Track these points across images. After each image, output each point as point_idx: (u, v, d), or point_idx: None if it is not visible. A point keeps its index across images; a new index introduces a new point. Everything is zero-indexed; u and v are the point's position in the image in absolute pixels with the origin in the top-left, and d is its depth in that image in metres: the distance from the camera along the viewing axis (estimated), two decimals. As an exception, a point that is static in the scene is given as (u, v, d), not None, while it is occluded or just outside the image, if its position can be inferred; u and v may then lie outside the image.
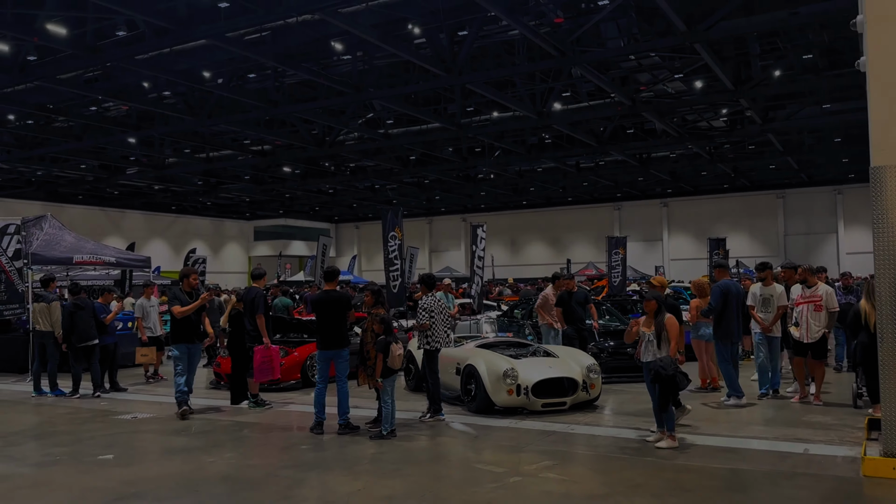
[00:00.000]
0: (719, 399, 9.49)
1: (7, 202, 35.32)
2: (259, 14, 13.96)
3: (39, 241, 14.41)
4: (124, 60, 16.36)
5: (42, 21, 14.47)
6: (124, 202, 40.91)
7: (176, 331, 9.41)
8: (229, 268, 47.54)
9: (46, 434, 8.49)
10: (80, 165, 30.53)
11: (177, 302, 9.33)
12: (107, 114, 23.05)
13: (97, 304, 11.94)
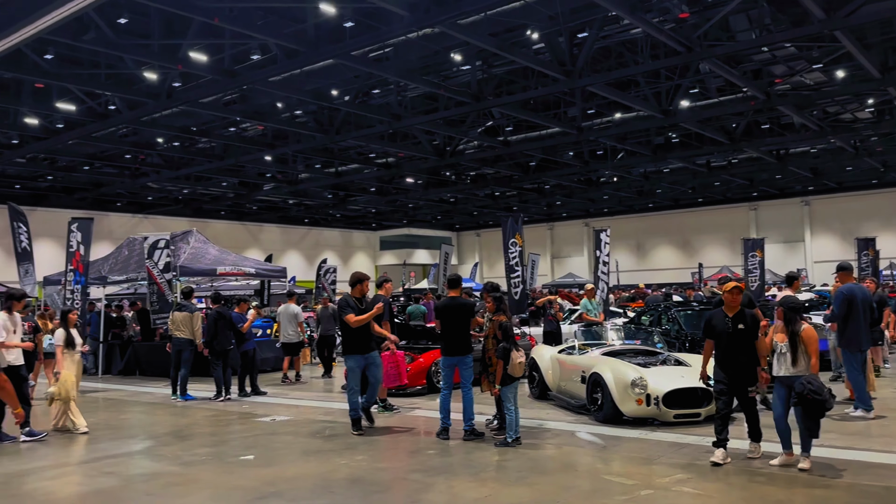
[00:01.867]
0: (843, 411, 8.74)
1: (157, 219, 38.37)
2: (382, 31, 14.42)
3: (186, 255, 15.54)
4: (259, 83, 17.36)
5: (185, 49, 15.64)
6: (262, 216, 43.36)
7: (349, 341, 8.71)
8: (357, 277, 49.20)
9: (193, 435, 9.11)
10: (221, 183, 32.69)
11: (350, 310, 8.59)
12: (244, 134, 24.57)
13: (234, 313, 12.70)
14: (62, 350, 9.54)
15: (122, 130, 23.01)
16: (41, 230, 28.90)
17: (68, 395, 9.37)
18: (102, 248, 27.70)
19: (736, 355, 6.66)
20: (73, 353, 9.66)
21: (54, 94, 19.09)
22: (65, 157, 26.28)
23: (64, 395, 9.34)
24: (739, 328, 6.67)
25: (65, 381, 9.38)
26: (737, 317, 6.74)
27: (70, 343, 9.63)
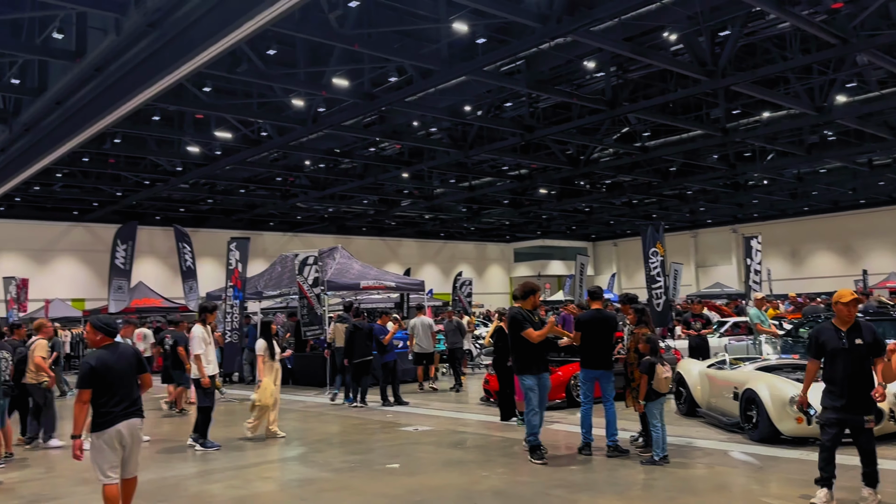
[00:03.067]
0: None
1: (306, 236, 40.54)
2: (513, 45, 14.49)
3: (333, 270, 16.30)
4: (396, 103, 17.96)
5: (328, 76, 16.50)
6: (400, 231, 44.71)
7: (527, 359, 7.84)
8: (492, 289, 49.48)
9: (343, 443, 9.50)
10: (362, 201, 34.07)
11: (527, 324, 7.75)
12: (383, 153, 25.50)
13: (376, 325, 13.14)
14: (263, 359, 9.90)
15: (272, 155, 24.56)
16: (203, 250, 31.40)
17: (268, 402, 9.74)
18: (257, 265, 29.61)
19: (852, 377, 5.61)
20: (272, 362, 9.99)
21: (213, 124, 20.74)
22: (223, 182, 28.42)
23: (265, 402, 9.72)
24: (857, 343, 5.68)
25: (265, 389, 9.76)
26: (852, 331, 5.71)
27: (270, 352, 9.96)
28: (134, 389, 5.43)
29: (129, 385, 5.38)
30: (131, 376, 5.43)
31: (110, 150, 22.39)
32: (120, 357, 5.40)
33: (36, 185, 26.56)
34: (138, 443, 5.42)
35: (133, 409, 5.36)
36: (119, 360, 5.37)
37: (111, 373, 5.27)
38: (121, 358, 5.40)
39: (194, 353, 9.35)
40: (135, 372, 5.47)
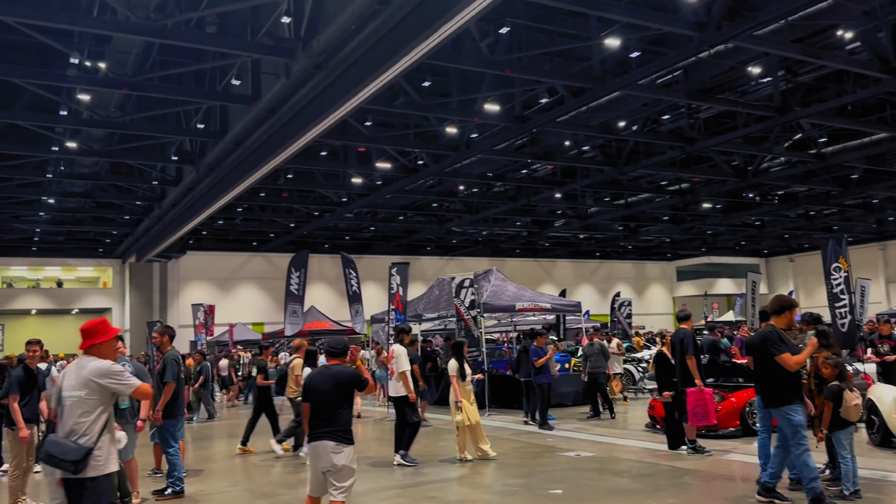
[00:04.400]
0: None
1: (461, 260, 41.30)
2: (670, 56, 14.02)
3: (488, 292, 16.45)
4: (547, 124, 17.95)
5: (480, 102, 16.83)
6: (554, 252, 44.36)
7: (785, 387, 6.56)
8: (654, 309, 47.62)
9: (504, 465, 9.48)
10: (515, 223, 34.23)
11: (784, 347, 6.52)
12: (535, 174, 25.51)
13: (533, 346, 13.05)
14: (456, 379, 9.91)
15: (428, 182, 25.36)
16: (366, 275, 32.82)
17: (474, 422, 9.76)
18: (416, 288, 30.56)
19: None
20: (464, 383, 10.00)
21: (373, 156, 21.80)
22: (383, 210, 29.71)
23: (473, 420, 9.74)
24: None
25: (469, 410, 9.67)
26: None
27: (462, 373, 10.00)
28: (336, 411, 5.45)
29: (331, 406, 5.45)
30: (335, 397, 5.47)
31: (283, 185, 24.16)
32: (327, 378, 5.55)
33: (220, 219, 29.17)
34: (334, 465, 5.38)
35: (327, 430, 5.40)
36: (325, 381, 5.53)
37: (317, 392, 5.53)
38: (327, 379, 5.55)
39: (401, 370, 9.70)
40: (341, 393, 5.50)
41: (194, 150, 19.87)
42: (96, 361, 4.39)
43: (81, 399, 4.28)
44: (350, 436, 5.46)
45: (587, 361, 14.21)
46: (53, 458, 4.19)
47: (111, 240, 34.47)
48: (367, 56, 12.30)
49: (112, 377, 4.33)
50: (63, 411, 4.33)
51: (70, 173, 21.93)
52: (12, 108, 16.90)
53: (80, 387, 4.31)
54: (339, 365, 5.69)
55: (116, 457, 4.46)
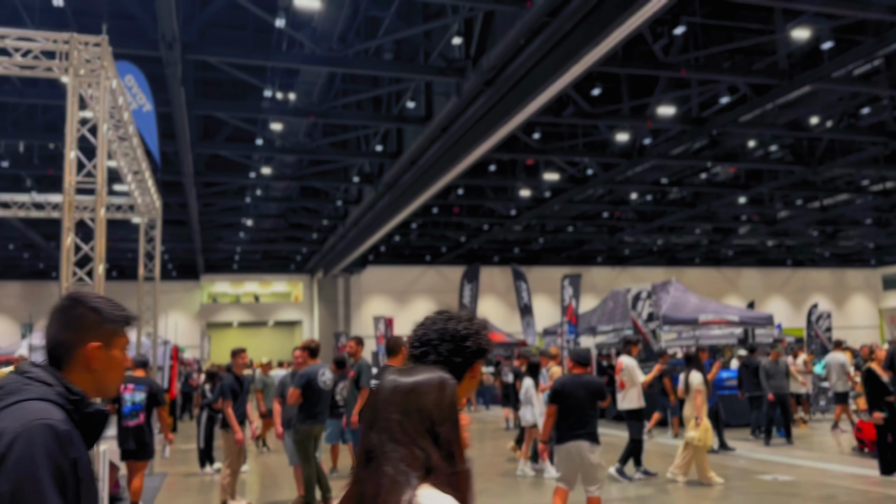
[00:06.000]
0: None
1: (634, 270, 39.98)
2: (868, 45, 12.73)
3: (668, 304, 15.78)
4: (729, 125, 16.95)
5: (653, 107, 16.24)
6: (738, 261, 41.66)
7: None
8: (856, 322, 43.11)
9: (692, 485, 8.97)
10: (694, 231, 32.56)
11: None
12: (715, 179, 24.14)
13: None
14: (701, 394, 9.27)
15: (598, 191, 24.85)
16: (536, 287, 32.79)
17: (709, 444, 9.04)
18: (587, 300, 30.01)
19: None
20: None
21: (541, 167, 21.76)
22: (552, 221, 29.53)
23: (707, 443, 9.03)
24: None
25: (706, 429, 9.02)
26: None
27: (707, 385, 9.43)
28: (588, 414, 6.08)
29: (584, 410, 6.05)
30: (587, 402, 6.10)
31: (454, 201, 24.80)
32: (579, 385, 6.14)
33: (396, 235, 30.49)
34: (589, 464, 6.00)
35: (581, 432, 6.01)
36: (578, 388, 6.13)
37: (570, 397, 6.08)
38: (579, 386, 6.14)
39: (638, 381, 9.55)
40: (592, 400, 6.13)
41: (373, 170, 20.97)
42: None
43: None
44: (598, 437, 6.10)
45: (769, 380, 12.94)
46: None
47: (301, 257, 37.21)
48: (535, 69, 12.34)
49: None
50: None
51: (265, 197, 23.99)
52: (215, 140, 18.82)
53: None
54: (587, 374, 6.32)
55: None
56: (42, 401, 1.65)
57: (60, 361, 1.79)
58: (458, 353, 1.96)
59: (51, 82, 14.32)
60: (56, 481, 1.56)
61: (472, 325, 2.01)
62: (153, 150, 10.79)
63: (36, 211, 11.81)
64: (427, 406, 1.36)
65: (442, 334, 1.97)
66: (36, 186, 20.03)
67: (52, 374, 1.73)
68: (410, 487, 1.27)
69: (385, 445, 1.32)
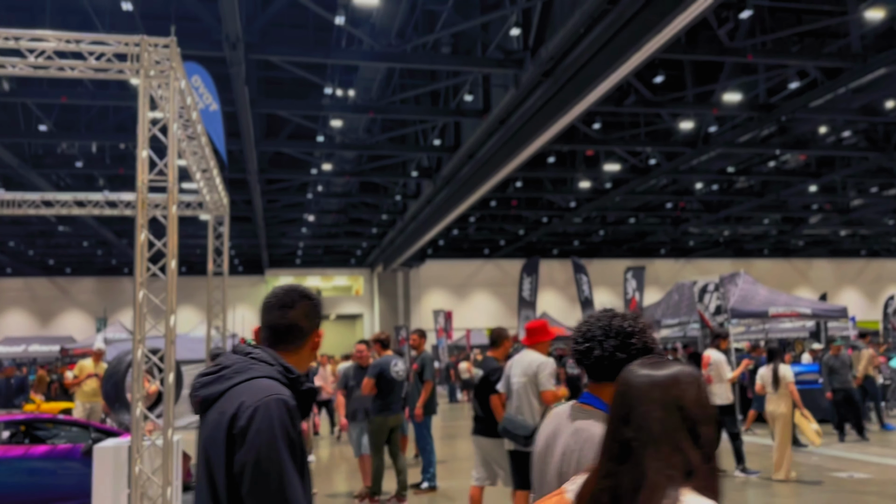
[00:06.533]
0: None
1: (699, 262, 39.02)
2: (950, 19, 12.08)
3: (736, 297, 15.32)
4: (798, 111, 16.35)
5: (718, 93, 15.79)
6: (809, 252, 40.23)
7: None
8: (938, 314, 41.08)
9: (764, 483, 8.72)
10: (762, 221, 31.57)
11: None
12: (784, 167, 23.33)
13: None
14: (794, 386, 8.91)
15: (661, 181, 24.34)
16: (597, 280, 32.36)
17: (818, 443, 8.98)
18: (650, 293, 29.44)
19: None
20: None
21: (601, 158, 21.43)
22: (613, 213, 29.07)
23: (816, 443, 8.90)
24: None
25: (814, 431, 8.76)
26: None
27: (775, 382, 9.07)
28: None
29: None
30: None
31: (512, 194, 24.68)
32: None
33: (454, 229, 30.55)
34: None
35: None
36: None
37: None
38: None
39: (727, 377, 9.28)
40: None
41: (431, 165, 21.04)
42: (535, 355, 5.50)
43: (523, 385, 5.43)
44: None
45: (831, 376, 12.36)
46: (509, 433, 5.33)
47: (361, 251, 37.69)
48: (596, 58, 12.14)
49: (541, 371, 5.40)
50: (511, 394, 5.54)
51: (326, 193, 24.37)
52: (278, 137, 19.21)
53: (522, 375, 5.46)
54: None
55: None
56: (270, 379, 1.82)
57: (287, 343, 1.99)
58: (623, 349, 1.95)
59: (121, 84, 14.86)
60: (289, 451, 1.71)
61: (637, 323, 2.01)
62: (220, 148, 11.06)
63: (109, 209, 12.26)
64: (689, 403, 1.30)
65: (607, 330, 1.98)
66: (108, 185, 20.86)
67: (271, 354, 1.91)
68: (673, 491, 1.22)
69: (644, 443, 1.27)
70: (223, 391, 1.81)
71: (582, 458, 1.88)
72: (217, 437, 1.74)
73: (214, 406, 1.81)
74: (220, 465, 1.72)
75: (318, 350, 2.08)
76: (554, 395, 5.48)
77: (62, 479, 7.75)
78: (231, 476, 1.70)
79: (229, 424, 1.72)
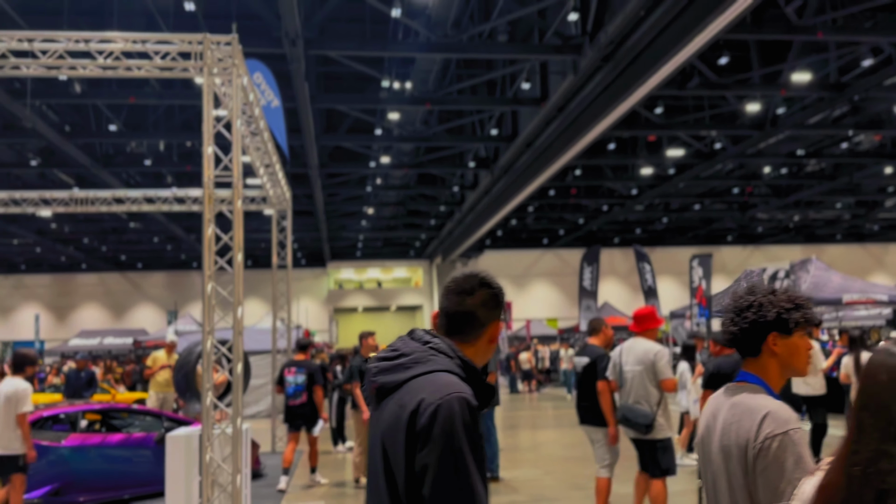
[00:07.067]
0: None
1: (768, 249, 37.82)
2: None
3: (808, 284, 14.79)
4: (872, 90, 15.61)
5: (786, 74, 15.19)
6: (886, 236, 38.48)
7: None
8: None
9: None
10: (835, 205, 30.34)
11: None
12: (858, 148, 22.34)
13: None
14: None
15: (727, 166, 23.63)
16: (661, 268, 31.72)
17: None
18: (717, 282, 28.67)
19: None
20: None
21: (664, 143, 20.93)
22: (676, 199, 28.39)
23: None
24: None
25: None
26: None
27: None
28: None
29: None
30: None
31: (571, 182, 24.36)
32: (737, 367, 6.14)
33: (513, 219, 30.38)
34: None
35: None
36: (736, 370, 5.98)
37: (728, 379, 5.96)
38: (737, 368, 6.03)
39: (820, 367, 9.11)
40: None
41: (489, 155, 20.95)
42: (649, 343, 5.57)
43: (639, 373, 5.52)
44: None
45: None
46: (628, 421, 5.47)
47: (420, 243, 37.90)
48: (657, 41, 11.82)
49: (658, 359, 5.49)
50: (625, 383, 5.62)
51: (385, 185, 24.56)
52: (337, 132, 19.44)
53: (637, 363, 5.56)
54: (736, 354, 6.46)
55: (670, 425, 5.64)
56: (450, 373, 1.73)
57: (463, 333, 1.89)
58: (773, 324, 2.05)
59: (185, 84, 15.27)
60: (472, 452, 1.63)
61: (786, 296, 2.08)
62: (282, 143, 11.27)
63: (177, 205, 12.64)
64: None
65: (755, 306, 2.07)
66: (176, 182, 21.52)
67: (450, 345, 1.82)
68: None
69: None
70: (402, 381, 1.74)
71: (740, 430, 1.95)
72: (397, 432, 1.68)
73: (393, 396, 1.74)
74: (400, 463, 1.66)
75: (495, 344, 1.95)
76: (673, 383, 5.54)
77: (137, 467, 8.06)
78: (412, 475, 1.64)
79: (409, 421, 1.65)
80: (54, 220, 26.75)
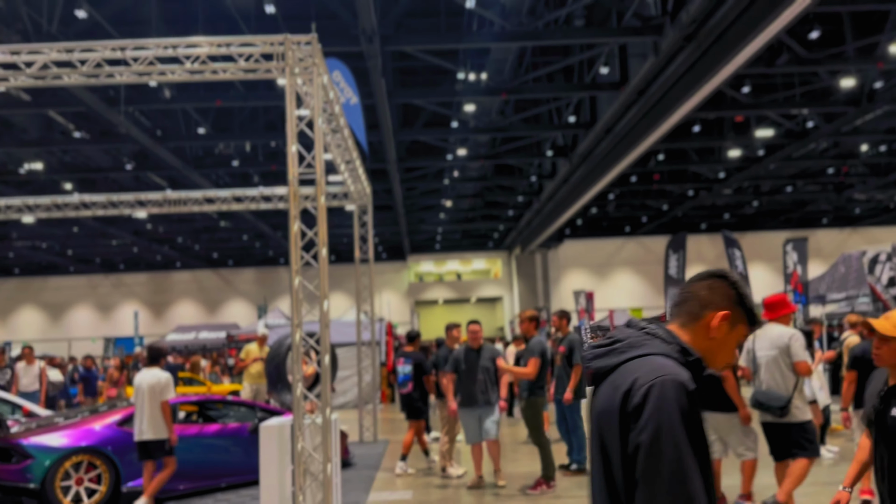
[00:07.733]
0: None
1: (867, 231, 35.79)
2: None
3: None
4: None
5: (884, 45, 14.28)
6: None
7: None
8: None
9: None
10: (940, 182, 28.39)
11: None
12: (967, 120, 20.80)
13: None
14: None
15: (821, 145, 22.47)
16: (751, 254, 30.52)
17: None
18: (813, 266, 27.39)
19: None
20: None
21: (752, 124, 20.07)
22: (767, 182, 27.21)
23: None
24: None
25: None
26: None
27: None
28: None
29: None
30: None
31: (654, 167, 23.71)
32: None
33: (593, 207, 29.86)
34: None
35: None
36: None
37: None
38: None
39: None
40: None
41: (567, 143, 20.65)
42: (782, 328, 5.65)
43: (773, 358, 5.58)
44: None
45: None
46: (762, 405, 5.52)
47: (498, 234, 37.80)
48: (742, 17, 11.34)
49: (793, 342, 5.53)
50: (759, 369, 5.70)
51: (462, 178, 24.60)
52: (413, 127, 19.58)
53: (771, 348, 5.62)
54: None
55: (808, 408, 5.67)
56: (665, 356, 1.72)
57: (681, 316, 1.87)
58: None
59: (268, 85, 15.72)
60: (689, 436, 1.59)
61: None
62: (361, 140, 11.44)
63: (264, 203, 13.04)
64: None
65: None
66: (262, 181, 22.22)
67: (667, 331, 1.81)
68: None
69: None
70: (616, 365, 1.74)
71: None
72: (611, 412, 1.67)
73: (607, 379, 1.74)
74: (615, 443, 1.65)
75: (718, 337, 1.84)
76: (808, 366, 5.50)
77: (232, 456, 8.38)
78: (626, 455, 1.63)
79: (622, 401, 1.64)
80: (149, 220, 28.12)
